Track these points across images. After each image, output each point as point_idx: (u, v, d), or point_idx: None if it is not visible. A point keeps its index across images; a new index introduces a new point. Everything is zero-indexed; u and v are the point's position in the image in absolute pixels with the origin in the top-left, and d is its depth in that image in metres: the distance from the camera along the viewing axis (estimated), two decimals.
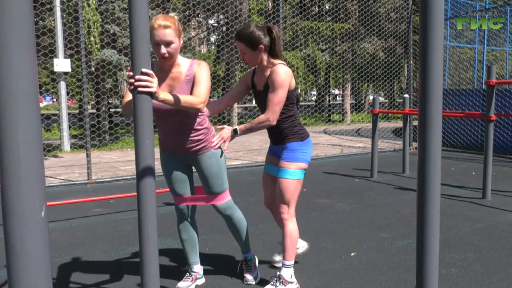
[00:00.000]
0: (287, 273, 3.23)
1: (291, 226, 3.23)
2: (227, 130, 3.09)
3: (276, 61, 3.14)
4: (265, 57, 3.14)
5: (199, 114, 3.04)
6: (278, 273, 3.25)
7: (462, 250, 4.06)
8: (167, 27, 2.73)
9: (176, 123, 2.98)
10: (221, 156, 3.17)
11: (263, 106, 3.18)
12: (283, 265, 3.25)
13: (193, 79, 2.89)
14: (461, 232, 4.56)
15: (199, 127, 3.03)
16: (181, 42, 2.88)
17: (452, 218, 5.07)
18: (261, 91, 3.21)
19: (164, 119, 2.98)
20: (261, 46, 3.07)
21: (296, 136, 3.21)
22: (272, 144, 3.37)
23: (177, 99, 2.60)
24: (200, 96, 2.78)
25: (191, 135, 3.03)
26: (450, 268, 3.64)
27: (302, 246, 3.82)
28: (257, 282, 3.43)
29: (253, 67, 3.32)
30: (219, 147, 3.16)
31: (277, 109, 3.04)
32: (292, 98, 3.16)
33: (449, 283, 3.35)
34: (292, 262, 3.26)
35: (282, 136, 3.23)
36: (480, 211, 5.38)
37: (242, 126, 3.10)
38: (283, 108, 3.14)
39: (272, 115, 3.04)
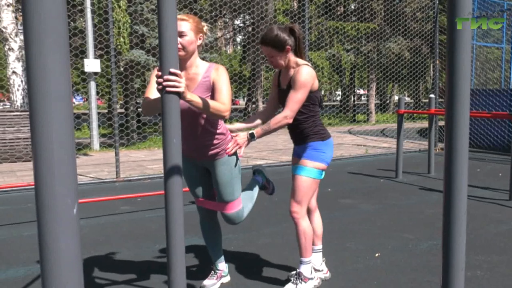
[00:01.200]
0: (307, 269, 3.24)
1: (305, 224, 3.21)
2: (242, 135, 3.05)
3: (301, 61, 3.15)
4: (291, 57, 3.15)
5: None
6: (297, 270, 3.26)
7: (487, 252, 4.01)
8: (183, 20, 2.84)
9: (193, 125, 3.00)
10: (235, 166, 3.15)
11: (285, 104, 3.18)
12: (301, 262, 3.25)
13: (212, 85, 2.91)
14: (487, 234, 4.50)
15: (215, 131, 3.03)
16: (199, 41, 2.93)
17: (477, 219, 5.01)
18: (284, 89, 3.22)
19: (182, 120, 3.01)
20: (288, 47, 3.08)
21: (317, 136, 3.20)
22: (294, 145, 3.38)
23: (204, 102, 2.61)
24: (225, 103, 2.81)
25: (207, 138, 3.03)
26: (476, 270, 3.61)
27: (324, 271, 3.54)
28: (273, 192, 3.72)
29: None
30: (234, 154, 3.14)
31: (296, 108, 3.04)
32: (314, 99, 3.16)
33: (474, 286, 3.32)
34: (310, 258, 3.25)
35: (303, 136, 3.23)
36: (506, 212, 5.30)
37: (258, 129, 3.06)
38: (304, 108, 3.14)
39: (289, 113, 3.03)
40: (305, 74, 3.02)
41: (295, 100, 3.03)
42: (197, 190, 3.27)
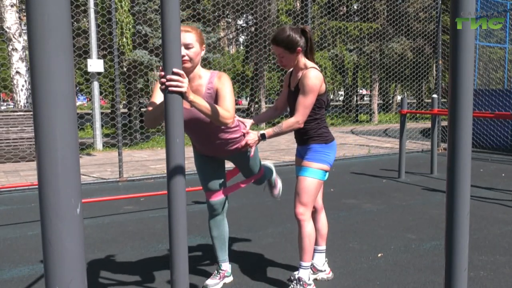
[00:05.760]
0: (305, 274, 3.19)
1: (309, 226, 3.18)
2: (252, 135, 3.08)
3: (309, 64, 3.13)
4: (301, 58, 3.14)
5: None
6: (296, 275, 3.21)
7: (491, 252, 4.01)
8: (188, 31, 2.82)
9: (207, 133, 3.05)
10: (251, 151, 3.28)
11: (292, 106, 3.19)
12: (300, 266, 3.20)
13: (216, 93, 2.92)
14: (490, 235, 4.50)
15: (230, 130, 3.11)
16: (203, 51, 2.94)
17: (481, 220, 5.00)
18: (292, 91, 3.23)
19: (195, 131, 3.05)
20: (299, 48, 3.07)
21: (321, 138, 3.19)
22: (297, 145, 3.38)
23: (206, 105, 2.61)
24: (229, 110, 2.80)
25: (224, 139, 3.11)
26: (479, 270, 3.60)
27: (326, 272, 3.55)
28: (280, 192, 4.26)
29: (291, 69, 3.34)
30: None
31: (306, 112, 3.06)
32: (320, 102, 3.16)
33: (478, 286, 3.32)
34: (310, 263, 3.22)
35: (306, 137, 3.22)
36: (510, 213, 5.29)
37: (270, 130, 3.10)
38: (311, 111, 3.14)
39: (301, 118, 3.06)
40: (313, 78, 3.02)
41: (305, 105, 3.04)
42: (213, 183, 3.30)
